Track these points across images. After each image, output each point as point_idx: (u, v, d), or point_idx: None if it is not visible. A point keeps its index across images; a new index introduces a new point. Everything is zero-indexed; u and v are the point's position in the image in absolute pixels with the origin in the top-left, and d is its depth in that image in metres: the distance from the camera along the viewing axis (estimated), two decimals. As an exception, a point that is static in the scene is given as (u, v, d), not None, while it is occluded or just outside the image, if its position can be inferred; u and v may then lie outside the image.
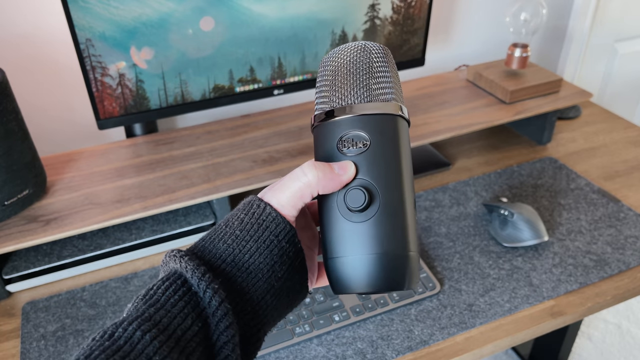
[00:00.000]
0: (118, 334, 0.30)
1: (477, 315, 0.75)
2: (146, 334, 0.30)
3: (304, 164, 0.36)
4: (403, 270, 0.35)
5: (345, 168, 0.35)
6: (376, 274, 0.35)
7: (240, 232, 0.35)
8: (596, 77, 1.59)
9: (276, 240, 0.35)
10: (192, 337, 0.31)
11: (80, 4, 0.76)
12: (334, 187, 0.35)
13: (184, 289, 0.33)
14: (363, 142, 0.36)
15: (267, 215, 0.35)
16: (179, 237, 0.89)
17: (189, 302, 0.32)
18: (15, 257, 0.84)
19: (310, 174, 0.35)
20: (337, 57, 0.38)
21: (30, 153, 0.80)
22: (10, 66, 0.94)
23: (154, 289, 0.33)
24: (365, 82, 0.37)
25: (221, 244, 0.35)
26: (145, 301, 0.32)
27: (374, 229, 0.35)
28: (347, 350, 0.71)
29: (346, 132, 0.36)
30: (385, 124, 0.36)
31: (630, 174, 1.03)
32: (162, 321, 0.31)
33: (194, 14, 0.83)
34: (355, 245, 0.35)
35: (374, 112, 0.36)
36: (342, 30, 0.95)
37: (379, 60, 0.38)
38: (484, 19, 1.33)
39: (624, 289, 0.79)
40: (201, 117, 1.14)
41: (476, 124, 0.99)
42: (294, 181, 0.35)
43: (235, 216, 0.36)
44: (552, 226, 0.90)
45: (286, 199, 0.36)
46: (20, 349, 0.73)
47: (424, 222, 0.92)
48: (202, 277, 0.32)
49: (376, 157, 0.36)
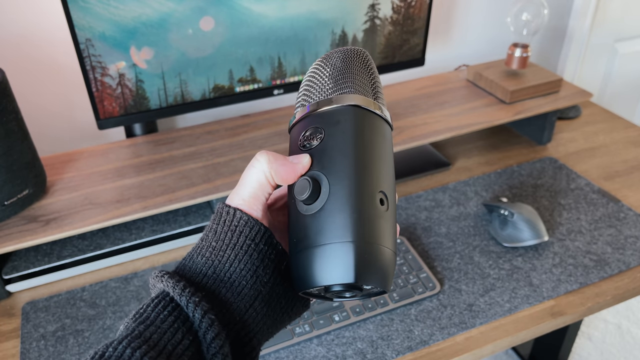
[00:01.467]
0: (109, 354, 0.30)
1: (477, 315, 0.75)
2: (136, 351, 0.29)
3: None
4: (348, 260, 0.33)
5: (299, 157, 0.36)
6: (324, 267, 0.33)
7: (216, 242, 0.35)
8: (596, 77, 1.59)
9: (253, 244, 0.34)
10: (184, 351, 0.31)
11: (80, 4, 0.76)
12: (287, 175, 0.35)
13: (172, 304, 0.33)
14: (320, 137, 0.36)
15: (239, 220, 0.35)
16: (179, 237, 0.89)
17: (178, 317, 0.32)
18: (15, 257, 0.84)
19: (262, 157, 0.35)
20: (311, 69, 0.41)
21: (30, 153, 0.80)
22: (10, 66, 0.94)
23: (144, 307, 0.33)
24: (332, 83, 0.38)
25: (199, 258, 0.35)
26: (135, 319, 0.32)
27: (324, 220, 0.33)
28: (347, 350, 0.71)
29: (306, 130, 0.37)
30: (340, 116, 0.36)
31: (630, 174, 1.03)
32: (152, 337, 0.31)
33: (194, 14, 0.83)
34: (307, 238, 0.34)
35: (330, 106, 0.37)
36: (342, 30, 0.95)
37: (340, 60, 0.39)
38: (484, 19, 1.33)
39: (624, 289, 0.79)
40: (201, 117, 1.14)
41: (476, 124, 0.99)
42: (249, 170, 0.36)
43: (210, 229, 0.36)
44: (552, 226, 0.90)
45: (247, 192, 0.35)
46: (20, 349, 0.73)
47: (424, 222, 0.92)
48: (183, 292, 0.32)
49: (327, 148, 0.35)
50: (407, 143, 0.94)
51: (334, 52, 0.40)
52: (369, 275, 0.33)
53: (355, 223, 0.33)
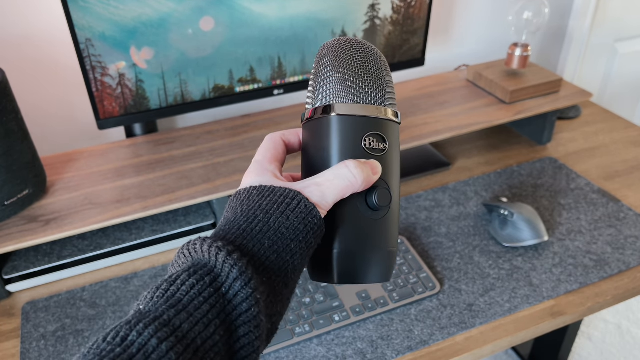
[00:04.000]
0: (132, 339, 0.27)
1: (477, 315, 0.75)
2: (162, 343, 0.27)
3: (348, 163, 0.36)
4: (393, 264, 0.40)
5: (376, 169, 0.37)
6: (379, 268, 0.38)
7: (287, 230, 0.34)
8: (596, 77, 1.59)
9: (315, 242, 0.35)
10: (212, 347, 0.29)
11: (80, 4, 0.76)
12: (369, 182, 0.37)
13: (210, 289, 0.30)
14: (383, 145, 0.38)
15: (313, 217, 0.35)
16: (179, 237, 0.89)
17: (214, 306, 0.30)
18: (15, 257, 0.84)
19: (359, 176, 0.36)
20: (353, 52, 0.39)
21: (30, 153, 0.80)
22: (10, 66, 0.94)
23: (178, 283, 0.30)
24: (382, 87, 0.39)
25: (266, 239, 0.33)
26: (167, 299, 0.30)
27: (385, 227, 0.38)
28: (347, 350, 0.71)
29: (371, 132, 0.38)
30: (396, 131, 0.40)
31: (630, 174, 1.03)
32: (182, 327, 0.28)
33: (194, 14, 0.83)
34: (369, 241, 0.38)
35: (393, 118, 0.39)
36: (342, 30, 0.95)
37: (385, 66, 0.40)
38: (484, 19, 1.33)
39: (624, 289, 0.79)
40: (201, 117, 1.14)
41: (476, 124, 0.99)
42: (341, 180, 0.36)
43: (279, 211, 0.34)
44: (552, 226, 0.90)
45: (332, 197, 0.36)
46: (20, 349, 0.73)
47: (424, 222, 0.92)
48: (246, 285, 0.30)
49: (391, 161, 0.39)
50: (407, 143, 0.94)
51: (374, 51, 0.40)
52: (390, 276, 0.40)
53: (398, 233, 0.40)
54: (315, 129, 0.39)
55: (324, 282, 0.39)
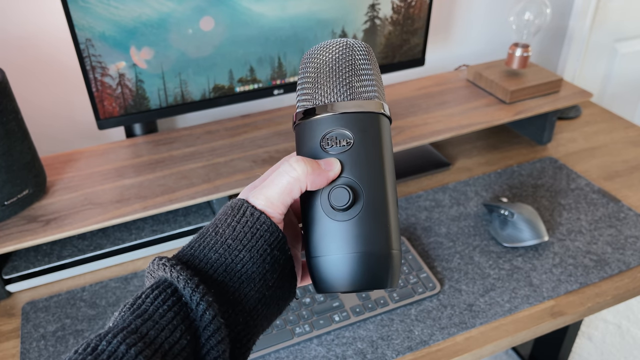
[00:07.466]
0: (102, 348, 0.28)
1: (477, 315, 0.75)
2: (131, 348, 0.28)
3: (290, 158, 0.35)
4: (385, 268, 0.35)
5: (331, 165, 0.35)
6: (359, 273, 0.35)
7: (233, 241, 0.34)
8: (596, 77, 1.59)
9: (269, 249, 0.34)
10: (180, 352, 0.30)
11: (80, 4, 0.76)
12: (320, 183, 0.35)
13: (173, 298, 0.32)
14: (347, 141, 0.36)
15: (262, 224, 0.34)
16: (179, 237, 0.89)
17: (178, 313, 0.31)
18: (15, 257, 0.84)
19: (300, 168, 0.34)
20: (320, 55, 0.38)
21: (30, 153, 0.80)
22: (10, 66, 0.94)
23: (142, 297, 0.32)
24: (348, 80, 0.37)
25: (212, 253, 0.34)
26: (133, 311, 0.31)
27: (357, 227, 0.35)
28: (347, 351, 0.71)
29: (329, 130, 0.36)
30: (367, 122, 0.36)
31: (630, 174, 1.03)
32: (149, 333, 0.30)
33: (194, 13, 0.83)
34: (338, 244, 0.35)
35: (356, 110, 0.36)
36: (342, 30, 0.95)
37: (362, 58, 0.38)
38: (484, 19, 1.33)
39: (624, 289, 0.79)
40: (201, 117, 1.14)
41: (476, 124, 0.99)
42: (282, 176, 0.34)
43: (225, 223, 0.35)
44: (552, 226, 0.90)
45: (276, 195, 0.34)
46: (20, 349, 0.73)
47: (424, 222, 0.92)
48: (196, 289, 0.31)
49: (360, 156, 0.35)
50: (407, 143, 0.94)
51: (347, 45, 0.38)
52: (395, 280, 0.36)
53: (389, 233, 0.36)
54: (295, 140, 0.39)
55: (322, 292, 0.37)
